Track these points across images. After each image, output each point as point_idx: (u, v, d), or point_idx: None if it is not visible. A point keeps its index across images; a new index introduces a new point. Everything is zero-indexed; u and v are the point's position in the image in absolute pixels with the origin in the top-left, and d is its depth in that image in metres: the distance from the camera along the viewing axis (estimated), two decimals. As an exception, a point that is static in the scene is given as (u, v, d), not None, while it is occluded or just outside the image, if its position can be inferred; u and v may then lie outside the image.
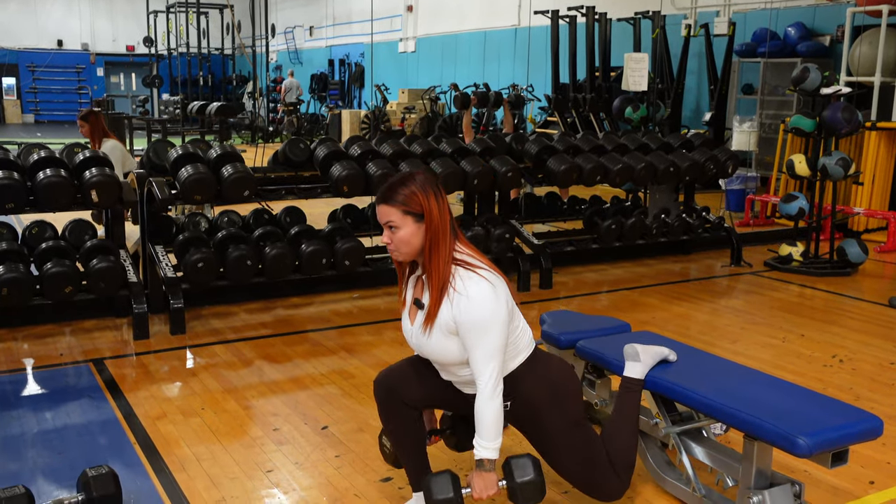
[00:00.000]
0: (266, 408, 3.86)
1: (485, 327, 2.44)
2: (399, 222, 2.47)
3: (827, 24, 10.91)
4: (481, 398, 2.48)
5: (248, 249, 5.23)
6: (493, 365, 2.46)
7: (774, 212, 8.82)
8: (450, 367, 2.61)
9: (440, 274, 2.47)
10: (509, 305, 2.52)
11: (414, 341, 2.64)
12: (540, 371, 2.65)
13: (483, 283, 2.46)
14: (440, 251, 2.47)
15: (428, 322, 2.52)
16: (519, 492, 2.53)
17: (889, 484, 3.18)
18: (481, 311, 2.44)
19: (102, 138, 6.94)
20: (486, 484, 2.51)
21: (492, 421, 2.48)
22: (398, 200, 2.46)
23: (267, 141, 18.33)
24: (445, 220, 2.49)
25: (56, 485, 3.09)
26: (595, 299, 5.99)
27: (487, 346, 2.45)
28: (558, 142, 6.63)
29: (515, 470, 2.54)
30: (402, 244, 2.49)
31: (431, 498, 2.51)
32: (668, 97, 11.43)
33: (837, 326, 5.30)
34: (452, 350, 2.52)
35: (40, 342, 4.77)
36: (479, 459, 2.52)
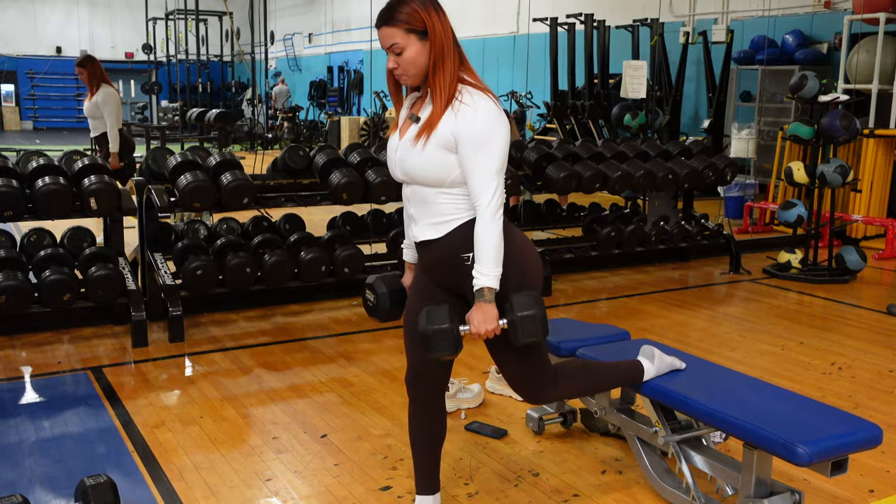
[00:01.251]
0: (265, 416, 3.85)
1: (488, 141, 2.36)
2: (403, 42, 2.38)
3: (825, 32, 10.94)
4: (482, 221, 2.37)
5: (247, 257, 5.23)
6: (494, 186, 2.37)
7: (773, 219, 8.83)
8: (427, 189, 2.46)
9: (446, 87, 2.38)
10: (510, 136, 2.44)
11: (398, 155, 2.49)
12: (505, 233, 2.46)
13: (490, 101, 2.40)
14: (446, 66, 2.39)
15: (425, 131, 2.40)
16: (520, 325, 2.37)
17: (888, 492, 3.18)
18: (487, 124, 2.36)
19: (101, 83, 6.99)
20: (486, 317, 2.37)
21: (492, 246, 2.36)
22: (400, 19, 2.37)
23: (266, 148, 18.33)
24: (449, 34, 2.42)
25: (54, 494, 3.08)
26: (594, 307, 5.99)
27: (489, 164, 2.36)
28: (557, 149, 6.64)
29: (516, 304, 2.38)
30: (409, 65, 2.40)
31: (426, 327, 2.37)
32: (666, 104, 11.46)
33: (836, 334, 5.30)
34: (440, 166, 2.40)
35: (38, 350, 4.76)
36: (479, 289, 2.38)
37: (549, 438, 3.62)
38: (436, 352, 2.39)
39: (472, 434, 3.65)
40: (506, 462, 3.39)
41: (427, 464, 2.79)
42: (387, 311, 2.70)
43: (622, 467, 3.34)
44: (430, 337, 2.38)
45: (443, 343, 2.38)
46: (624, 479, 3.25)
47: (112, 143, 6.95)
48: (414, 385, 2.73)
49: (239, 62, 24.39)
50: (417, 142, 2.42)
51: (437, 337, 2.37)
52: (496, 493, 3.12)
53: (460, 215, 2.46)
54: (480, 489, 3.16)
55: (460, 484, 3.19)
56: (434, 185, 2.45)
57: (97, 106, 6.96)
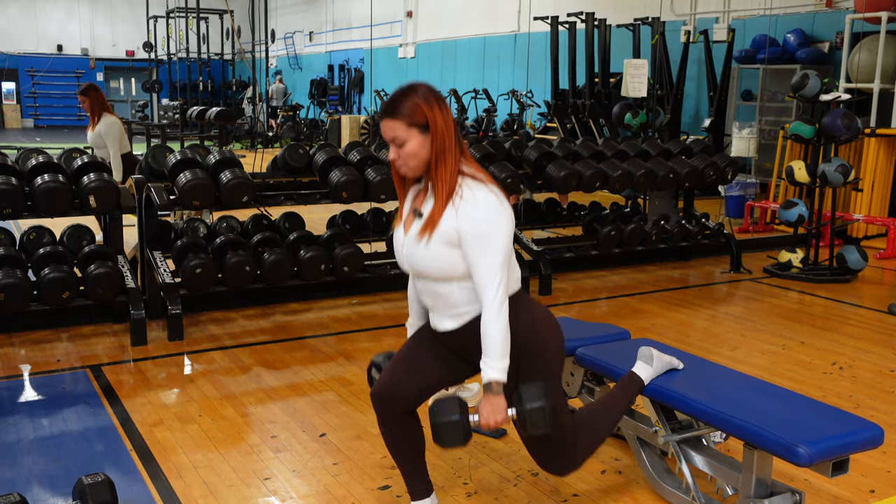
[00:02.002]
0: (264, 415, 3.84)
1: (490, 237, 2.37)
2: (405, 135, 2.41)
3: (826, 31, 10.92)
4: (488, 315, 2.39)
5: (246, 255, 5.22)
6: (499, 279, 2.39)
7: (774, 218, 8.82)
8: (437, 283, 2.49)
9: (447, 182, 2.40)
10: (513, 223, 2.46)
11: (406, 251, 2.53)
12: (524, 314, 2.53)
13: (491, 194, 2.41)
14: (447, 160, 2.41)
15: (427, 228, 2.42)
16: (528, 418, 2.41)
17: (890, 493, 3.17)
18: (488, 219, 2.37)
19: (102, 113, 6.97)
20: (495, 409, 2.41)
21: (499, 338, 2.39)
22: (402, 113, 2.39)
23: (266, 146, 18.32)
24: (451, 129, 2.43)
25: (52, 492, 3.08)
26: (594, 306, 5.98)
27: (492, 258, 2.38)
28: (558, 148, 6.63)
29: (525, 396, 2.42)
30: (409, 158, 2.43)
31: (436, 420, 2.42)
32: (667, 103, 11.44)
33: (837, 333, 5.29)
34: (447, 262, 2.43)
35: (37, 348, 4.75)
36: (487, 382, 2.41)
37: (548, 438, 3.60)
38: (447, 443, 2.45)
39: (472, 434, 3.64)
40: (505, 462, 3.38)
41: (414, 472, 2.77)
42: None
43: (622, 467, 3.33)
44: (440, 429, 2.43)
45: (454, 435, 2.44)
46: (623, 479, 3.24)
47: (115, 171, 6.91)
48: (381, 405, 2.69)
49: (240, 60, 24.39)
50: (422, 238, 2.45)
51: (448, 429, 2.43)
52: (495, 493, 3.11)
53: (476, 305, 2.50)
54: (480, 489, 3.15)
55: (459, 483, 3.18)
56: (444, 280, 2.49)
57: (100, 136, 6.94)
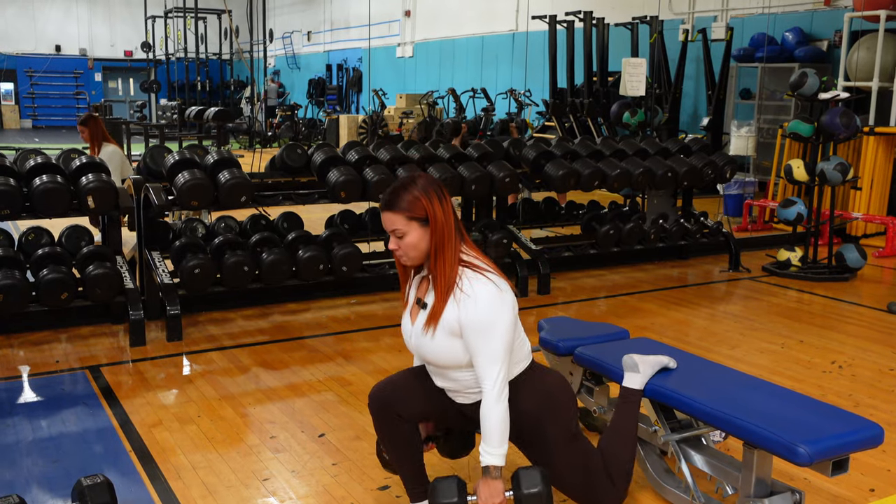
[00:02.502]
0: (263, 415, 3.84)
1: (491, 329, 2.43)
2: (405, 228, 2.46)
3: (825, 29, 10.92)
4: (487, 403, 2.46)
5: (245, 255, 5.21)
6: (499, 368, 2.45)
7: (773, 217, 8.82)
8: (447, 370, 2.59)
9: (446, 276, 2.46)
10: (515, 310, 2.51)
11: (413, 342, 2.61)
12: (537, 382, 2.64)
13: (490, 285, 2.45)
14: (446, 253, 2.46)
15: (431, 322, 2.50)
16: (525, 503, 2.50)
17: (889, 491, 3.17)
18: (488, 312, 2.42)
19: (102, 143, 6.94)
20: (492, 492, 2.48)
21: (497, 426, 2.46)
22: (402, 207, 2.45)
23: (265, 146, 18.31)
24: (450, 222, 2.48)
25: (51, 494, 3.07)
26: (593, 305, 5.97)
27: (493, 349, 2.44)
28: (556, 147, 6.62)
29: (523, 480, 2.51)
30: (409, 249, 2.49)
31: (436, 501, 2.49)
32: (665, 102, 11.44)
33: (836, 332, 5.28)
34: (453, 352, 2.50)
35: (36, 349, 4.74)
36: (486, 466, 2.49)
37: (548, 437, 3.59)
38: None
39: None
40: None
41: (413, 474, 2.77)
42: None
43: (621, 466, 3.32)
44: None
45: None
46: (623, 478, 3.23)
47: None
48: (379, 401, 2.70)
49: (238, 60, 24.37)
50: (427, 331, 2.52)
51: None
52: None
53: None
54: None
55: (459, 483, 3.17)
56: (454, 368, 2.56)
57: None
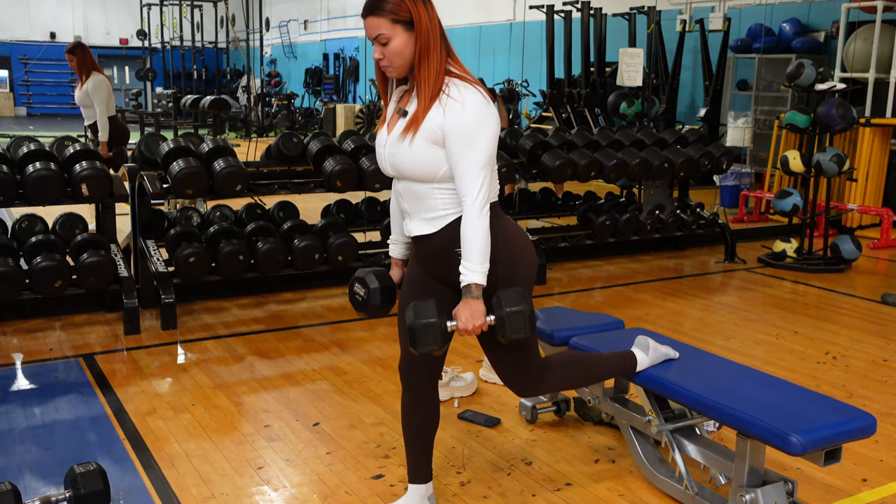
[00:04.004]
0: (257, 404, 3.84)
1: (476, 135, 2.33)
2: (389, 33, 2.35)
3: (822, 20, 10.90)
4: (468, 216, 2.34)
5: (240, 244, 5.20)
6: (482, 181, 2.33)
7: (769, 208, 8.82)
8: (419, 183, 2.43)
9: (432, 81, 2.37)
10: (499, 126, 2.41)
11: (388, 151, 2.46)
12: (500, 224, 2.48)
13: (478, 94, 2.38)
14: (432, 58, 2.37)
15: (412, 126, 2.37)
16: (508, 321, 2.35)
17: (881, 482, 3.18)
18: (475, 117, 2.34)
19: (91, 71, 6.93)
20: (473, 313, 2.35)
21: (480, 241, 2.33)
22: (386, 9, 2.34)
23: (261, 135, 18.26)
24: (436, 26, 2.40)
25: (43, 481, 3.07)
26: (589, 295, 5.97)
27: (476, 158, 2.33)
28: (553, 137, 6.61)
29: (504, 300, 2.37)
30: (395, 56, 2.38)
31: (413, 322, 2.35)
32: (662, 93, 11.41)
33: (831, 323, 5.29)
34: (430, 161, 2.37)
35: (29, 337, 4.73)
36: (466, 285, 2.36)
37: (542, 427, 3.61)
38: (423, 346, 2.38)
39: (466, 422, 3.64)
40: (499, 451, 3.38)
41: (420, 453, 2.78)
42: (377, 307, 2.65)
43: (615, 456, 3.34)
44: (416, 331, 2.36)
45: (429, 337, 2.36)
46: (617, 467, 3.24)
47: (102, 131, 6.90)
48: (407, 373, 2.70)
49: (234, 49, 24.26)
50: (405, 137, 2.39)
51: (424, 331, 2.36)
52: (489, 482, 3.11)
53: (454, 210, 2.43)
54: (473, 478, 3.14)
55: (453, 472, 3.18)
56: (425, 181, 2.42)
57: (88, 94, 6.91)
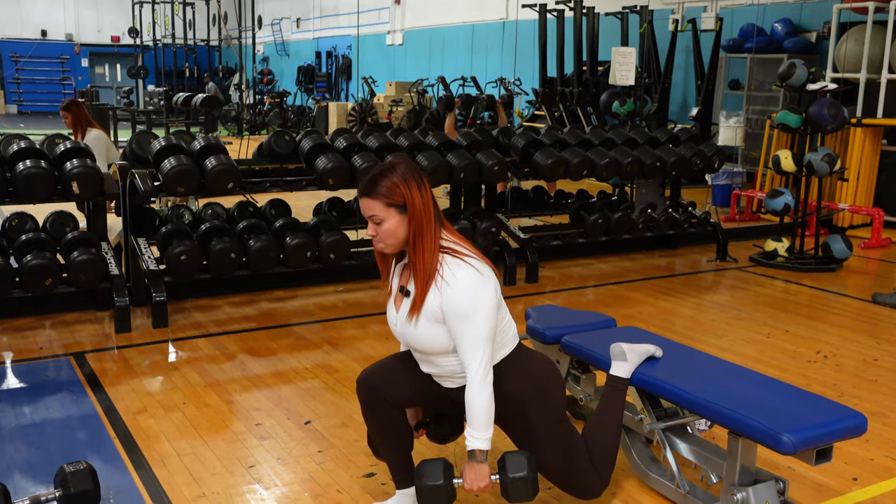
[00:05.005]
0: (248, 402, 3.82)
1: (473, 314, 2.42)
2: (383, 214, 2.45)
3: (813, 21, 10.94)
4: (472, 387, 2.45)
5: (231, 242, 5.19)
6: (482, 353, 2.44)
7: (760, 207, 8.84)
8: (433, 356, 2.58)
9: (426, 263, 2.45)
10: (498, 293, 2.50)
11: (399, 330, 2.61)
12: (524, 365, 2.63)
13: (471, 270, 2.44)
14: (425, 241, 2.45)
15: (414, 311, 2.49)
16: (510, 487, 2.49)
17: (872, 481, 3.19)
18: (469, 298, 2.41)
19: (86, 128, 6.87)
20: (478, 476, 2.48)
21: (482, 410, 2.46)
22: (380, 193, 2.44)
23: (253, 133, 18.21)
24: (429, 209, 2.46)
25: (33, 480, 3.05)
26: (581, 294, 5.98)
27: (476, 334, 2.43)
28: (545, 136, 6.61)
29: (509, 465, 2.50)
30: (387, 236, 2.48)
31: (421, 483, 2.49)
32: (655, 92, 11.44)
33: (822, 322, 5.31)
34: (438, 339, 2.49)
35: (20, 335, 4.71)
36: (471, 450, 2.48)
37: (534, 426, 3.60)
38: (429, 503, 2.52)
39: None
40: (492, 452, 3.36)
41: (400, 461, 2.76)
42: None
43: (607, 455, 3.33)
44: (425, 493, 2.50)
45: (437, 498, 2.50)
46: (609, 466, 3.24)
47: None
48: (366, 383, 2.70)
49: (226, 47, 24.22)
50: (411, 320, 2.51)
51: (432, 493, 2.50)
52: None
53: None
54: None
55: (445, 471, 3.17)
56: (439, 354, 2.55)
57: None
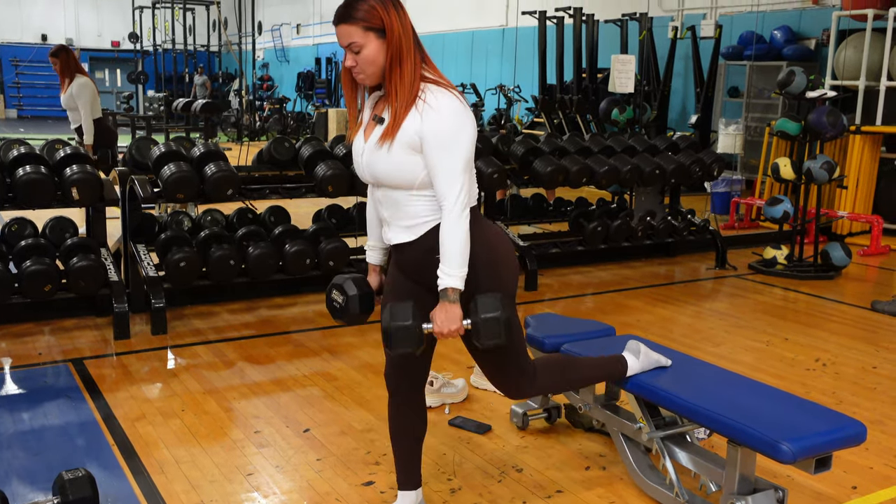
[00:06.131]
0: (247, 410, 3.82)
1: (454, 142, 2.33)
2: (361, 40, 2.34)
3: (813, 28, 10.96)
4: (447, 221, 2.34)
5: (231, 249, 5.19)
6: (460, 185, 2.34)
7: (759, 215, 8.85)
8: (397, 190, 2.43)
9: (405, 87, 2.35)
10: (476, 131, 2.41)
11: (365, 159, 2.45)
12: (480, 228, 2.48)
13: (454, 99, 2.37)
14: (405, 65, 2.36)
15: (389, 134, 2.35)
16: (482, 328, 2.36)
17: (871, 489, 3.19)
18: (452, 122, 2.33)
19: (74, 75, 6.89)
20: (449, 317, 2.36)
21: (458, 245, 2.34)
22: (357, 17, 2.34)
23: (252, 139, 18.22)
24: (409, 32, 2.39)
25: (31, 487, 3.04)
26: (580, 301, 5.98)
27: (454, 163, 2.33)
28: (544, 143, 6.62)
29: (480, 306, 2.37)
30: (367, 64, 2.37)
31: (389, 324, 2.36)
32: (654, 99, 11.45)
33: (820, 330, 5.31)
34: (409, 168, 2.36)
35: (18, 341, 4.70)
36: (443, 289, 2.36)
37: (532, 434, 3.60)
38: (397, 347, 2.39)
39: (456, 429, 3.64)
40: (489, 457, 3.37)
41: (408, 459, 2.77)
42: (356, 314, 2.62)
43: (606, 463, 3.33)
44: (392, 333, 2.37)
45: (405, 340, 2.37)
46: (607, 475, 3.24)
47: (87, 134, 6.87)
48: (392, 379, 2.70)
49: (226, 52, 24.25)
50: (383, 144, 2.38)
51: (399, 334, 2.36)
52: (479, 489, 3.11)
53: (433, 216, 2.43)
54: (463, 484, 3.14)
55: (443, 479, 3.17)
56: (404, 188, 2.42)
57: (72, 97, 6.87)
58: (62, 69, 6.87)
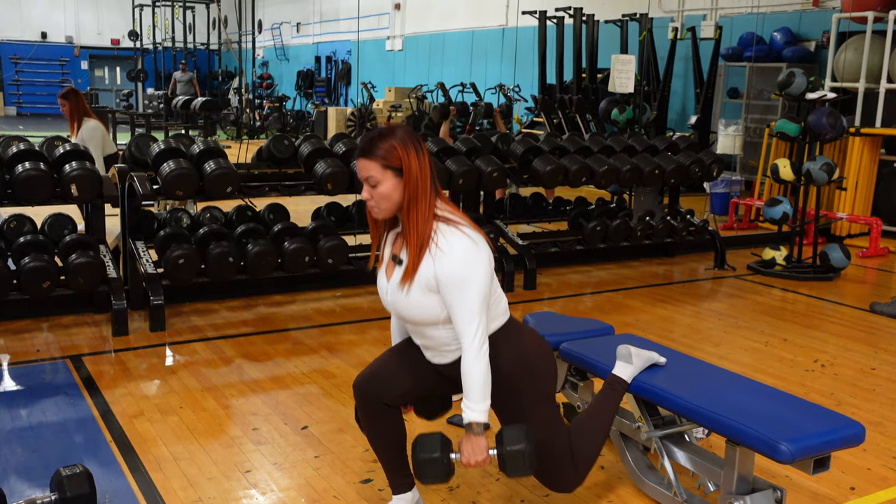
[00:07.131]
0: (245, 407, 3.82)
1: (467, 283, 2.38)
2: (379, 176, 2.41)
3: (813, 30, 10.96)
4: (467, 358, 2.41)
5: (230, 246, 5.18)
6: (477, 323, 2.40)
7: (758, 216, 8.85)
8: (425, 326, 2.53)
9: (419, 230, 2.41)
10: (492, 264, 2.47)
11: (389, 298, 2.56)
12: (514, 340, 2.57)
13: (465, 239, 2.41)
14: (419, 207, 2.41)
15: (406, 278, 2.45)
16: (508, 460, 2.43)
17: (870, 490, 3.19)
18: (464, 266, 2.38)
19: (83, 118, 6.86)
20: (475, 449, 2.42)
21: (479, 381, 2.40)
22: (378, 154, 2.40)
23: (252, 137, 18.21)
24: (426, 175, 2.44)
25: (29, 484, 3.04)
26: (579, 301, 5.98)
27: (470, 303, 2.39)
28: (544, 143, 6.62)
29: (507, 437, 2.44)
30: (382, 200, 2.43)
31: (417, 456, 2.45)
32: (654, 100, 11.45)
33: (819, 331, 5.31)
34: (430, 308, 2.45)
35: (17, 338, 4.70)
36: (468, 423, 2.43)
37: (531, 432, 3.59)
38: (427, 479, 2.48)
39: (455, 427, 3.63)
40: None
41: (396, 465, 2.76)
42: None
43: (604, 462, 3.33)
44: (422, 466, 2.45)
45: (434, 472, 2.47)
46: (606, 474, 3.24)
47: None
48: (363, 388, 2.69)
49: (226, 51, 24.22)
50: (402, 288, 2.47)
51: (429, 466, 2.45)
52: (477, 487, 3.11)
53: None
54: (462, 483, 3.14)
55: (441, 477, 3.16)
56: (431, 325, 2.51)
57: (83, 141, 6.83)
58: (71, 111, 6.82)
